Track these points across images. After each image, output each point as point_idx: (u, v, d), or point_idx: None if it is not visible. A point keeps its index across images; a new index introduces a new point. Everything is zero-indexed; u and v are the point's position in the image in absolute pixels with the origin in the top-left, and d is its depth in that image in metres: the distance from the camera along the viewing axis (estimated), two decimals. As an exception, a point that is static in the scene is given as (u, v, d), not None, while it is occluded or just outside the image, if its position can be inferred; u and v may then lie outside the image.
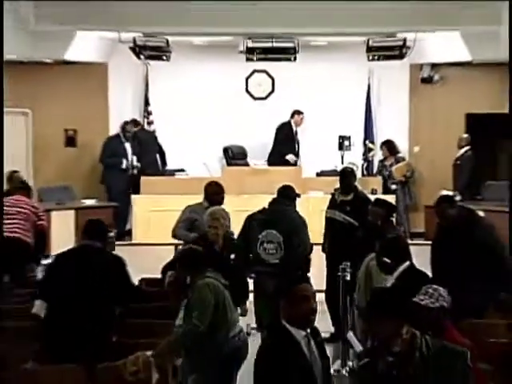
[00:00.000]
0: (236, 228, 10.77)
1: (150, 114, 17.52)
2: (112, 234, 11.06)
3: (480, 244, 9.46)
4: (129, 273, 8.80)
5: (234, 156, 17.06)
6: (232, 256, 9.84)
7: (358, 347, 8.11)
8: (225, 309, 8.17)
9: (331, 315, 11.33)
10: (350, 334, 7.93)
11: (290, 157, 16.79)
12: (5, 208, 11.81)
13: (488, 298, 8.33)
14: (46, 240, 12.95)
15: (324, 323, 10.36)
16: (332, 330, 11.14)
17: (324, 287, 11.29)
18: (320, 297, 8.74)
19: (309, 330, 5.53)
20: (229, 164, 16.80)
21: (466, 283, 8.18)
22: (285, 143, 17.00)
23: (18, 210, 12.31)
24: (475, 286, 8.43)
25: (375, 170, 17.06)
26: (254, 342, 9.24)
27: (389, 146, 16.71)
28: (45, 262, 11.92)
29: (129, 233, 15.25)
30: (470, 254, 9.20)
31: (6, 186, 14.19)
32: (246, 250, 10.86)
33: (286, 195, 11.04)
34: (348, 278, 9.88)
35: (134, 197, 15.79)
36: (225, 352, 8.07)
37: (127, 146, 16.63)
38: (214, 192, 10.88)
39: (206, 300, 8.03)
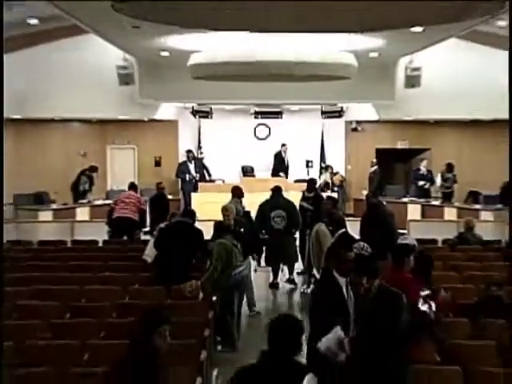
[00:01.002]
0: (248, 207, 13.44)
1: (201, 148, 21.53)
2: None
3: (383, 220, 12.08)
4: (203, 236, 10.81)
5: (247, 171, 21.14)
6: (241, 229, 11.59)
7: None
8: (230, 258, 10.08)
9: (301, 258, 13.77)
10: None
11: (282, 174, 20.45)
12: (123, 198, 14.56)
13: (386, 250, 8.83)
14: (145, 217, 14.94)
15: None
16: (302, 267, 13.92)
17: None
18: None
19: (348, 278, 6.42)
20: (244, 175, 20.92)
21: (376, 242, 8.41)
22: (279, 164, 21.06)
23: (130, 200, 14.56)
24: (380, 244, 9.09)
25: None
26: (257, 275, 13.19)
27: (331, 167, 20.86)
28: (144, 229, 15.25)
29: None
30: (378, 225, 11.61)
31: (114, 186, 17.71)
32: (261, 223, 13.44)
33: (279, 190, 13.83)
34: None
35: (193, 194, 19.44)
36: (230, 282, 10.15)
37: (191, 166, 20.57)
38: (237, 190, 13.53)
39: (220, 252, 10.07)
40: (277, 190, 13.76)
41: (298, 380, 4.68)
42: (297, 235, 13.88)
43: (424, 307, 7.30)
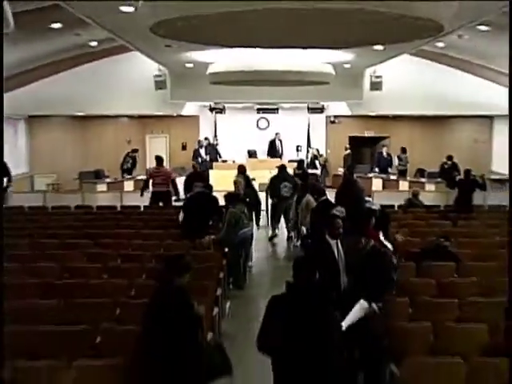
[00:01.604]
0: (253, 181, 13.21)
1: (216, 136, 21.31)
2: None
3: (356, 191, 12.35)
4: (218, 203, 10.87)
5: (251, 153, 20.97)
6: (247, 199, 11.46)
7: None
8: (238, 222, 10.17)
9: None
10: None
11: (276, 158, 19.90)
12: (155, 176, 14.16)
13: (359, 212, 8.31)
14: (176, 186, 14.26)
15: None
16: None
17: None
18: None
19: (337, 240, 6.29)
20: (249, 157, 20.73)
21: (349, 207, 8.11)
22: (271, 148, 21.00)
23: (160, 175, 14.14)
24: (352, 207, 8.55)
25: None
26: (259, 232, 13.26)
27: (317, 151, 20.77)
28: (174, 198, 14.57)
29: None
30: (351, 195, 11.77)
31: (151, 165, 16.86)
32: (273, 191, 13.34)
33: (285, 168, 13.71)
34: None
35: (210, 171, 19.12)
36: (237, 239, 10.16)
37: (202, 151, 20.19)
38: (242, 168, 13.27)
39: (230, 219, 10.15)
40: (283, 168, 13.63)
41: (316, 302, 4.63)
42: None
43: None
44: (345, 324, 5.36)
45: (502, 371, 5.20)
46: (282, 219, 13.72)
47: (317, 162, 20.35)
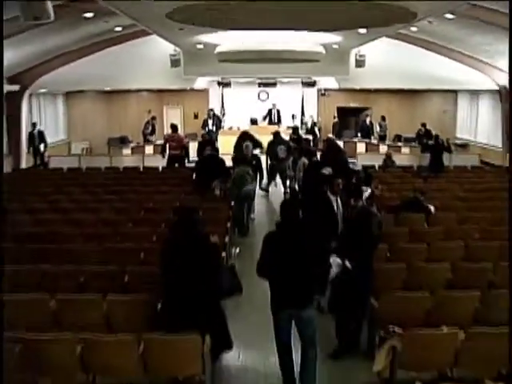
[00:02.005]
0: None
1: (224, 107, 21.02)
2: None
3: (340, 154, 11.75)
4: (225, 164, 10.89)
5: (253, 121, 20.29)
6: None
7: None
8: (242, 180, 10.25)
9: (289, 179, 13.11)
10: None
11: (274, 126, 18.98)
12: (171, 141, 13.91)
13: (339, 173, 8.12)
14: (188, 151, 14.63)
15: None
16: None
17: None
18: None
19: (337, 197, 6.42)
20: (252, 124, 19.84)
21: (336, 166, 8.83)
22: (268, 116, 20.51)
23: (176, 139, 14.00)
24: (338, 164, 9.35)
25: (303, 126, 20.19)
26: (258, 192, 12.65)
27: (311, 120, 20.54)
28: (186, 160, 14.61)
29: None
30: (336, 156, 10.90)
31: (168, 131, 16.07)
32: (271, 154, 13.18)
33: (279, 133, 13.74)
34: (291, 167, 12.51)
35: (218, 136, 18.90)
36: (241, 195, 10.24)
37: (210, 121, 19.47)
38: (245, 135, 13.69)
39: (235, 177, 10.33)
40: (277, 134, 13.57)
41: (301, 235, 4.81)
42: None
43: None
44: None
45: (462, 302, 5.36)
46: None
47: (316, 129, 20.26)
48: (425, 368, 4.78)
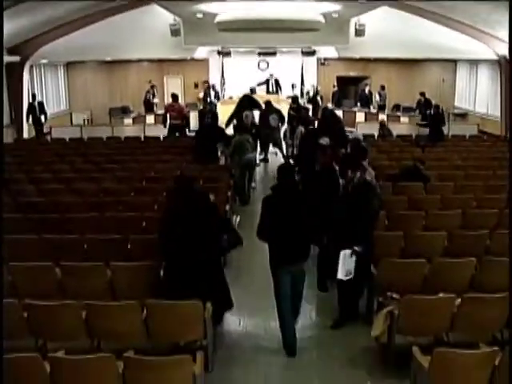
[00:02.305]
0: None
1: (224, 77, 20.68)
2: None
3: (337, 122, 11.84)
4: (224, 131, 11.10)
5: (252, 91, 18.68)
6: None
7: None
8: (243, 148, 10.19)
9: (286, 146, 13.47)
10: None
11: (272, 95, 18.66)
12: (171, 110, 13.73)
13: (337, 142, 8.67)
14: (188, 120, 15.07)
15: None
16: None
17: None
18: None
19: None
20: (251, 94, 17.61)
21: (333, 136, 8.75)
22: (266, 86, 20.00)
23: (176, 109, 13.82)
24: (333, 131, 9.32)
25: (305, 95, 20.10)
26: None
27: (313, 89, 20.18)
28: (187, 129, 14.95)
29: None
30: (333, 126, 10.84)
31: (169, 101, 15.72)
32: (263, 122, 12.94)
33: (270, 102, 13.64)
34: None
35: (218, 105, 18.44)
36: (242, 162, 10.23)
37: (212, 93, 19.42)
38: (247, 97, 13.94)
39: (235, 145, 10.24)
40: (269, 103, 13.46)
41: (297, 196, 5.11)
42: (282, 130, 13.67)
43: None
44: (340, 276, 5.34)
45: (459, 269, 5.39)
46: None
47: (318, 97, 19.94)
48: (422, 333, 4.85)
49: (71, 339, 4.63)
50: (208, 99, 18.86)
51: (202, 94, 19.94)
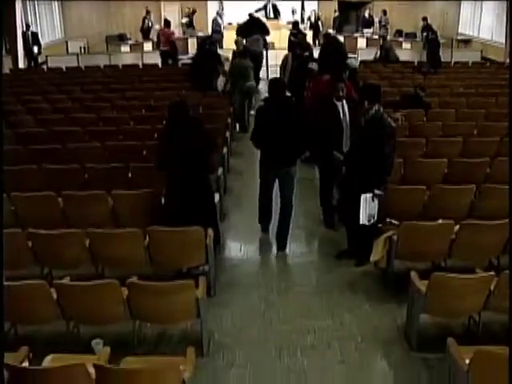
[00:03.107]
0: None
1: (223, 9, 19.52)
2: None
3: (337, 45, 11.13)
4: (220, 56, 10.98)
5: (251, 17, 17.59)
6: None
7: None
8: (244, 74, 9.85)
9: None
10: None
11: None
12: (161, 35, 13.93)
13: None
14: (175, 46, 14.31)
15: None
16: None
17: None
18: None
19: (344, 101, 5.70)
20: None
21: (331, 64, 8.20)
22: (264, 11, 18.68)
23: (165, 34, 13.86)
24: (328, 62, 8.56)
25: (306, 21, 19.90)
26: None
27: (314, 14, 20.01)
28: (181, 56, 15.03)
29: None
30: (334, 49, 10.37)
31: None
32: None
33: (252, 21, 13.50)
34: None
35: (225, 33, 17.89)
36: (243, 89, 9.98)
37: (219, 20, 18.26)
38: (253, 19, 13.53)
39: (235, 70, 10.00)
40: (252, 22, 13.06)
41: (286, 107, 5.41)
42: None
43: None
44: (363, 221, 5.07)
45: (458, 196, 5.38)
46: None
47: (319, 23, 19.53)
48: (420, 258, 4.89)
49: (75, 267, 4.67)
50: (217, 27, 18.17)
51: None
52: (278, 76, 9.23)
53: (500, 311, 3.85)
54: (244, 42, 11.23)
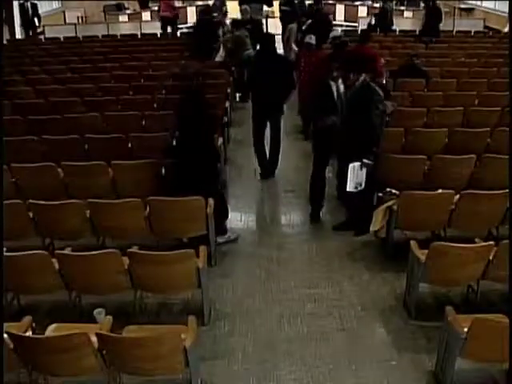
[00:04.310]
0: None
1: None
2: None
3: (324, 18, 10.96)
4: (216, 27, 10.72)
5: None
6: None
7: None
8: (243, 44, 9.77)
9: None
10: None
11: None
12: (162, 2, 13.63)
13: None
14: (177, 13, 14.04)
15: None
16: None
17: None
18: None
19: (339, 82, 5.32)
20: None
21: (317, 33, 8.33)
22: None
23: (165, 2, 13.62)
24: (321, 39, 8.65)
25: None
26: None
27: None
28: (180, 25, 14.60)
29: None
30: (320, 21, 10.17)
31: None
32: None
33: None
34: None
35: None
36: (243, 58, 9.53)
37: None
38: None
39: (235, 40, 9.83)
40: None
41: (275, 59, 6.40)
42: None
43: None
44: (350, 188, 5.06)
45: (458, 166, 5.33)
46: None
47: None
48: (419, 228, 4.90)
49: (77, 237, 4.67)
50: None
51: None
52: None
53: (498, 280, 3.88)
54: (249, 9, 11.01)
